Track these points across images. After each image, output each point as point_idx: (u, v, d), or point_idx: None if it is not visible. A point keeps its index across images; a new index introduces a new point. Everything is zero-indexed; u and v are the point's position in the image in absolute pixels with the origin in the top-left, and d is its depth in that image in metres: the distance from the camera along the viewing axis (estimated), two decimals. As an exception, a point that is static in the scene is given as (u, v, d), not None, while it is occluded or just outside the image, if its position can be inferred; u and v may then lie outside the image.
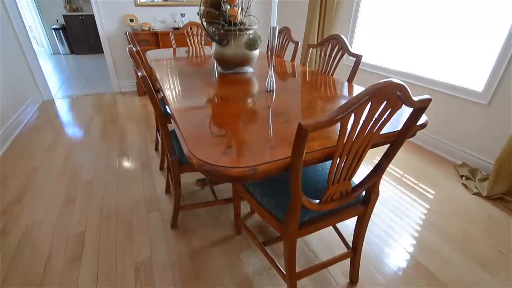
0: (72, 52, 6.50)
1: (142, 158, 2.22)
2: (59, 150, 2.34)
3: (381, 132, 0.90)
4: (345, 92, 1.37)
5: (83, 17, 6.02)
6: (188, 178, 1.97)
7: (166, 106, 1.21)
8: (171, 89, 1.33)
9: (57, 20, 6.29)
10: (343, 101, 1.23)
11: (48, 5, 6.13)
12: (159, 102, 1.24)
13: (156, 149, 2.36)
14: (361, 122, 0.74)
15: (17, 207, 1.68)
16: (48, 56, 6.38)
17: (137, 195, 1.79)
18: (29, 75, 3.23)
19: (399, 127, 0.93)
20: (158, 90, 1.47)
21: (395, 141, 0.93)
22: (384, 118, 0.77)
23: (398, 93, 0.70)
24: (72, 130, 2.71)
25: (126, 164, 2.15)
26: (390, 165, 2.15)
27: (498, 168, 1.73)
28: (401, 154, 2.32)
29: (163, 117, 1.28)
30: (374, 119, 0.75)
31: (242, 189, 1.13)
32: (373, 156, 2.24)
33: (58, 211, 1.65)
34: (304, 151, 0.69)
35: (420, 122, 0.97)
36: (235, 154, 0.75)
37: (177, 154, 1.32)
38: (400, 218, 1.63)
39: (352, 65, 1.60)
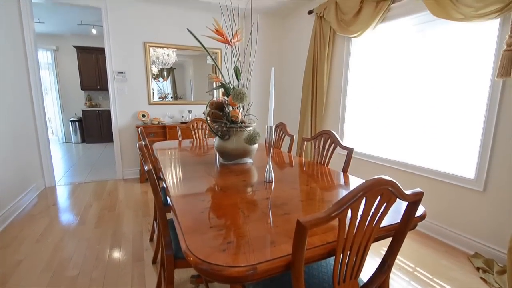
0: (83, 141, 6.93)
1: (135, 250, 2.10)
2: (49, 240, 2.23)
3: (382, 225, 0.90)
4: (341, 181, 1.42)
5: (100, 112, 6.69)
6: (181, 274, 1.81)
7: (167, 197, 1.23)
8: (173, 180, 1.39)
9: (75, 114, 6.96)
10: (341, 191, 1.27)
11: (70, 101, 6.90)
12: (160, 192, 1.27)
13: (151, 239, 2.25)
14: (359, 217, 0.75)
15: (-14, 311, 1.49)
16: (59, 144, 6.77)
17: (123, 295, 1.61)
18: (37, 163, 3.36)
19: (399, 219, 0.93)
20: (160, 178, 1.53)
21: (397, 234, 0.92)
22: (381, 212, 0.79)
23: (390, 188, 0.74)
24: (67, 218, 2.65)
25: (117, 256, 2.01)
26: (400, 257, 2.02)
27: (514, 260, 1.62)
28: (411, 245, 2.20)
29: (163, 208, 1.28)
30: (371, 214, 0.77)
31: (241, 289, 1.04)
32: (380, 247, 2.12)
33: (31, 316, 1.45)
34: (305, 248, 0.68)
35: (418, 213, 0.98)
36: (234, 251, 0.73)
37: (173, 248, 1.27)
38: (420, 324, 1.43)
39: (345, 154, 1.71)
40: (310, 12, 3.43)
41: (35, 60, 3.24)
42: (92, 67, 6.48)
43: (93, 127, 6.75)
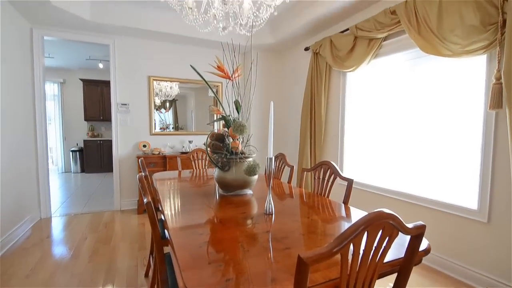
0: (82, 170, 6.90)
1: (129, 287, 1.99)
2: (39, 276, 2.13)
3: (386, 260, 0.87)
4: (343, 213, 1.40)
5: (101, 142, 6.75)
6: (177, 313, 1.70)
7: (165, 230, 1.21)
8: (171, 212, 1.37)
9: (77, 144, 7.01)
10: (343, 223, 1.25)
11: (73, 131, 6.99)
12: (158, 225, 1.24)
13: (146, 275, 2.15)
14: (361, 252, 0.74)
15: None
16: (58, 174, 6.73)
17: (114, 338, 1.50)
18: (35, 193, 3.32)
19: (403, 253, 0.91)
20: (159, 209, 1.50)
21: (402, 269, 0.89)
22: (384, 246, 0.77)
23: (391, 222, 0.74)
24: (60, 252, 2.55)
25: (110, 294, 1.91)
26: (406, 295, 1.91)
27: (527, 298, 1.54)
28: (418, 281, 2.10)
29: (160, 242, 1.25)
30: (374, 248, 0.76)
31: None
32: (386, 283, 2.02)
33: None
34: (307, 286, 0.66)
35: (422, 247, 0.96)
36: (234, 289, 0.71)
37: (170, 285, 1.21)
38: None
39: (346, 185, 1.70)
40: (306, 49, 3.62)
41: (42, 93, 3.35)
42: (96, 98, 6.67)
43: (93, 157, 6.76)
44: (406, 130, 2.55)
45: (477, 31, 1.83)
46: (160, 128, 4.09)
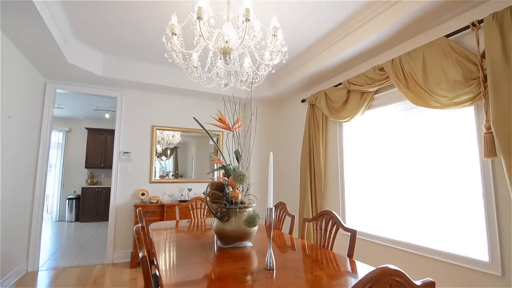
0: (77, 219, 6.67)
1: None
2: None
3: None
4: (348, 268, 1.33)
5: (99, 189, 6.67)
6: None
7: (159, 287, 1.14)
8: (166, 266, 1.30)
9: (74, 191, 6.92)
10: (349, 279, 1.18)
11: (72, 178, 6.96)
12: (152, 281, 1.17)
13: None
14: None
15: None
16: (52, 223, 6.50)
17: None
18: (25, 245, 3.17)
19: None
20: (154, 263, 1.43)
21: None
22: (393, 307, 0.73)
23: (397, 279, 0.71)
24: (42, 313, 2.34)
25: None
26: None
27: None
28: None
29: (154, 301, 1.16)
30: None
31: None
32: None
33: None
34: None
35: (434, 308, 0.89)
36: None
37: None
38: None
39: (349, 235, 1.64)
40: (303, 101, 3.82)
41: (47, 142, 3.44)
42: (99, 146, 6.80)
43: (89, 205, 6.61)
44: (407, 178, 2.55)
45: (461, 85, 1.96)
46: (160, 176, 4.08)
